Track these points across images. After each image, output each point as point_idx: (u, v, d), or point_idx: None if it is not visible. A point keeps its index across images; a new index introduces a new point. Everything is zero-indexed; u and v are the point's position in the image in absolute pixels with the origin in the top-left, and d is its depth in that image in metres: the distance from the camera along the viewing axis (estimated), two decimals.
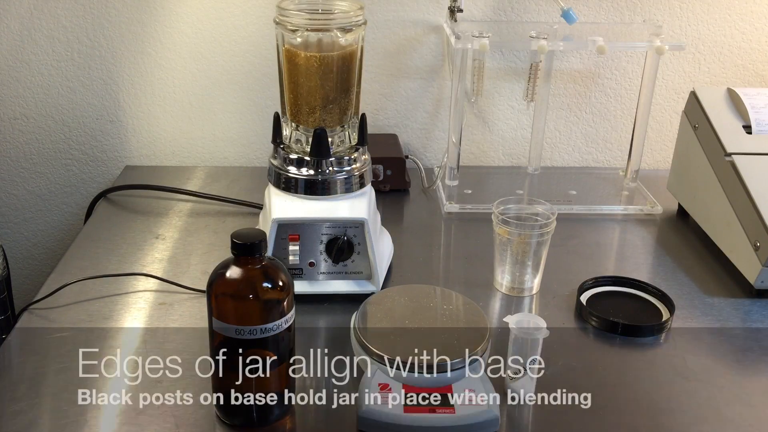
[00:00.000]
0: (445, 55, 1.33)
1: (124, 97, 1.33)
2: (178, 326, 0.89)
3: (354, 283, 0.94)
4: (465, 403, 0.74)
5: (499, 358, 0.81)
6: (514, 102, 1.37)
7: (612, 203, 1.25)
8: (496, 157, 1.41)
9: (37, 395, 0.77)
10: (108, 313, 0.91)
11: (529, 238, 0.94)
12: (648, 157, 1.42)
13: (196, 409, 0.75)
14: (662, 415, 0.77)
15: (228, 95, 1.34)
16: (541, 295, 0.98)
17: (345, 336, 0.86)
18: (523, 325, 0.77)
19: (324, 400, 0.78)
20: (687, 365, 0.85)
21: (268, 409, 0.74)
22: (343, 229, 0.92)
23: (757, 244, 0.97)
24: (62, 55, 1.29)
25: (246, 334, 0.69)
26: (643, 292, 0.97)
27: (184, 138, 1.36)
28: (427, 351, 0.78)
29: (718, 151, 1.07)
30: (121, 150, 1.36)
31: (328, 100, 0.92)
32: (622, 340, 0.89)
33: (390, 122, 1.38)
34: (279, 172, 0.94)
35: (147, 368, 0.81)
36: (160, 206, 1.20)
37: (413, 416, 0.72)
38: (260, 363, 0.72)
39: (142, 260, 1.04)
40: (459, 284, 1.00)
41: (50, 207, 1.39)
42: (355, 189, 0.94)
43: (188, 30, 1.29)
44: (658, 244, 1.14)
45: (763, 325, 0.93)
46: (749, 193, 1.00)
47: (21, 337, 0.87)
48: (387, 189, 1.27)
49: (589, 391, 0.80)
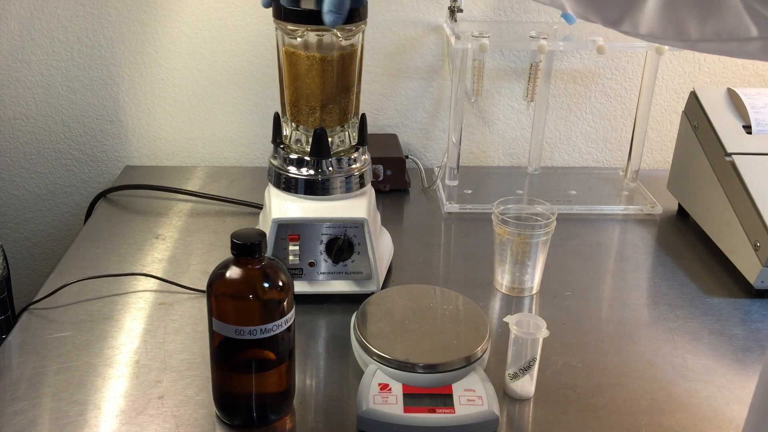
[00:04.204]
0: (445, 55, 1.33)
1: (124, 97, 1.33)
2: (178, 326, 0.89)
3: (354, 283, 0.94)
4: (465, 403, 0.74)
5: (499, 358, 0.82)
6: (514, 102, 1.37)
7: (612, 203, 1.25)
8: (496, 157, 1.42)
9: (37, 395, 0.77)
10: (108, 313, 0.91)
11: (529, 238, 0.94)
12: (648, 157, 1.42)
13: (196, 409, 0.76)
14: (662, 415, 0.77)
15: (228, 95, 1.34)
16: (541, 295, 0.98)
17: (345, 336, 0.86)
18: (523, 325, 0.77)
19: (324, 400, 0.78)
20: (687, 365, 0.85)
21: (268, 409, 0.74)
22: (343, 229, 0.92)
23: (757, 244, 0.97)
24: (62, 55, 1.29)
25: (246, 334, 0.69)
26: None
27: (184, 138, 1.37)
28: (427, 351, 0.78)
29: (718, 151, 1.07)
30: (121, 150, 1.36)
31: (328, 100, 0.92)
32: (621, 339, 0.89)
33: (390, 122, 1.38)
34: (279, 172, 0.94)
35: (147, 368, 0.82)
36: (160, 206, 1.20)
37: (413, 416, 0.72)
38: (260, 363, 0.72)
39: (142, 260, 1.04)
40: (459, 284, 1.00)
41: (50, 207, 1.39)
42: (355, 189, 0.94)
43: (188, 30, 1.29)
44: (658, 244, 1.14)
45: (763, 325, 0.93)
46: (749, 193, 1.00)
47: (21, 337, 0.87)
48: (387, 189, 1.27)
49: (589, 391, 0.80)
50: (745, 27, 0.48)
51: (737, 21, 0.48)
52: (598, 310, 0.96)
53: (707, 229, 1.11)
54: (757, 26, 0.47)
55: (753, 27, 0.47)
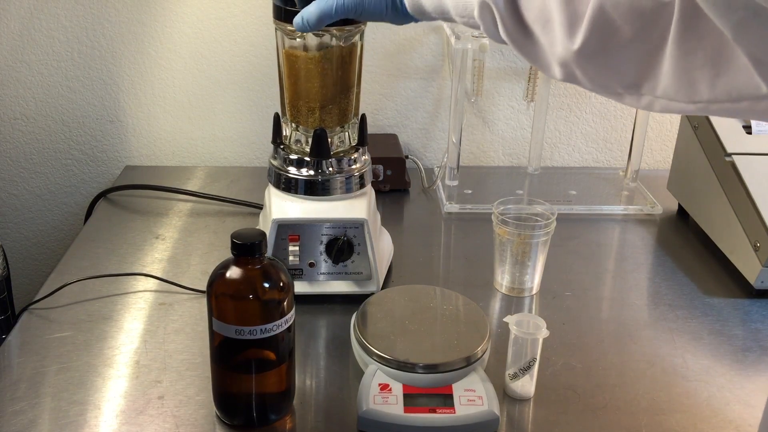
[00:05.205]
0: (445, 55, 1.33)
1: (124, 97, 1.33)
2: (178, 326, 0.89)
3: (354, 284, 0.94)
4: (465, 403, 0.74)
5: (499, 358, 0.82)
6: (514, 102, 1.37)
7: (612, 203, 1.25)
8: (496, 157, 1.42)
9: (37, 395, 0.77)
10: (108, 313, 0.91)
11: (529, 239, 0.94)
12: (648, 157, 1.42)
13: (196, 409, 0.76)
14: (662, 415, 0.77)
15: (228, 95, 1.34)
16: (541, 295, 0.98)
17: (345, 336, 0.86)
18: (523, 325, 0.77)
19: (324, 401, 0.78)
20: (687, 365, 0.85)
21: (268, 409, 0.74)
22: (342, 229, 0.92)
23: (757, 244, 0.97)
24: (62, 55, 1.29)
25: (246, 334, 0.69)
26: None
27: (184, 138, 1.37)
28: (428, 351, 0.78)
29: (718, 151, 1.07)
30: (121, 150, 1.36)
31: (327, 100, 0.92)
32: (621, 339, 0.89)
33: (390, 122, 1.38)
34: (279, 172, 0.94)
35: (147, 368, 0.82)
36: (160, 206, 1.20)
37: (413, 416, 0.72)
38: (260, 363, 0.72)
39: (142, 260, 1.04)
40: (459, 284, 1.00)
41: (50, 207, 1.39)
42: (355, 189, 0.94)
43: (188, 30, 1.29)
44: (658, 244, 1.14)
45: (763, 325, 0.93)
46: (749, 193, 1.00)
47: (21, 337, 0.87)
48: (387, 189, 1.27)
49: (589, 391, 0.80)
50: (755, 84, 0.48)
51: (747, 78, 0.48)
52: (598, 310, 0.96)
53: (707, 229, 1.11)
54: (767, 84, 0.47)
55: (763, 84, 0.47)
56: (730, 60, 0.49)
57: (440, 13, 0.72)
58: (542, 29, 0.61)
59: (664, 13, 0.52)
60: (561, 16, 0.58)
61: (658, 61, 0.54)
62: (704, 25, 0.50)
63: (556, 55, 0.60)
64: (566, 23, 0.58)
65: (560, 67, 0.61)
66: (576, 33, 0.57)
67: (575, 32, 0.57)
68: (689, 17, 0.51)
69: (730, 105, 0.51)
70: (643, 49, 0.55)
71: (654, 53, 0.54)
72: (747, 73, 0.47)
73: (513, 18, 0.63)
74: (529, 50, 0.64)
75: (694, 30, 0.51)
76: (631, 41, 0.55)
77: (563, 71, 0.61)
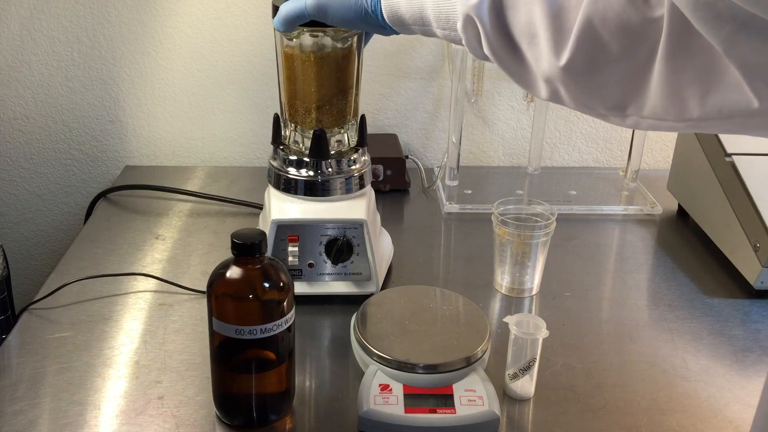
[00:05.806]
0: (445, 55, 1.33)
1: (124, 97, 1.33)
2: (178, 327, 0.89)
3: (354, 284, 0.94)
4: (466, 403, 0.74)
5: (499, 359, 0.82)
6: (514, 102, 1.37)
7: (612, 203, 1.25)
8: (496, 157, 1.42)
9: (37, 395, 0.77)
10: (108, 313, 0.91)
11: (529, 239, 0.94)
12: (648, 157, 1.42)
13: (196, 409, 0.76)
14: (662, 415, 0.77)
15: (228, 95, 1.34)
16: (541, 295, 0.98)
17: (345, 337, 0.86)
18: (523, 325, 0.77)
19: (324, 401, 0.78)
20: (687, 366, 0.85)
21: (268, 409, 0.74)
22: (342, 230, 0.92)
23: (757, 244, 0.97)
24: (62, 55, 1.29)
25: (246, 335, 0.69)
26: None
27: (184, 138, 1.37)
28: (428, 351, 0.78)
29: (718, 151, 1.07)
30: (121, 150, 1.36)
31: (324, 101, 0.92)
32: (621, 340, 0.89)
33: (390, 122, 1.38)
34: (278, 173, 0.94)
35: (147, 368, 0.82)
36: (160, 206, 1.20)
37: (413, 416, 0.72)
38: (260, 363, 0.72)
39: (142, 260, 1.04)
40: (459, 285, 1.00)
41: (50, 207, 1.39)
42: (354, 190, 0.94)
43: (188, 30, 1.29)
44: (658, 244, 1.14)
45: (763, 325, 0.93)
46: (749, 194, 1.00)
47: (21, 337, 0.87)
48: (387, 189, 1.27)
49: (589, 392, 0.80)
50: (747, 100, 0.46)
51: (738, 94, 0.47)
52: (598, 310, 0.96)
53: (707, 229, 1.11)
54: (759, 98, 0.46)
55: (755, 99, 0.46)
56: (721, 76, 0.48)
57: (420, 24, 0.70)
58: (528, 44, 0.59)
59: (652, 29, 0.51)
60: (548, 32, 0.57)
61: (645, 80, 0.53)
62: (694, 40, 0.49)
63: (542, 71, 0.59)
64: (553, 39, 0.57)
65: (545, 84, 0.59)
66: (563, 49, 0.56)
67: (562, 48, 0.56)
68: (679, 33, 0.50)
69: (721, 122, 0.50)
70: (630, 68, 0.54)
71: (641, 72, 0.53)
72: (738, 88, 0.46)
73: (498, 32, 0.61)
74: (513, 66, 0.62)
75: (683, 46, 0.50)
76: (619, 59, 0.54)
77: (548, 88, 0.59)
